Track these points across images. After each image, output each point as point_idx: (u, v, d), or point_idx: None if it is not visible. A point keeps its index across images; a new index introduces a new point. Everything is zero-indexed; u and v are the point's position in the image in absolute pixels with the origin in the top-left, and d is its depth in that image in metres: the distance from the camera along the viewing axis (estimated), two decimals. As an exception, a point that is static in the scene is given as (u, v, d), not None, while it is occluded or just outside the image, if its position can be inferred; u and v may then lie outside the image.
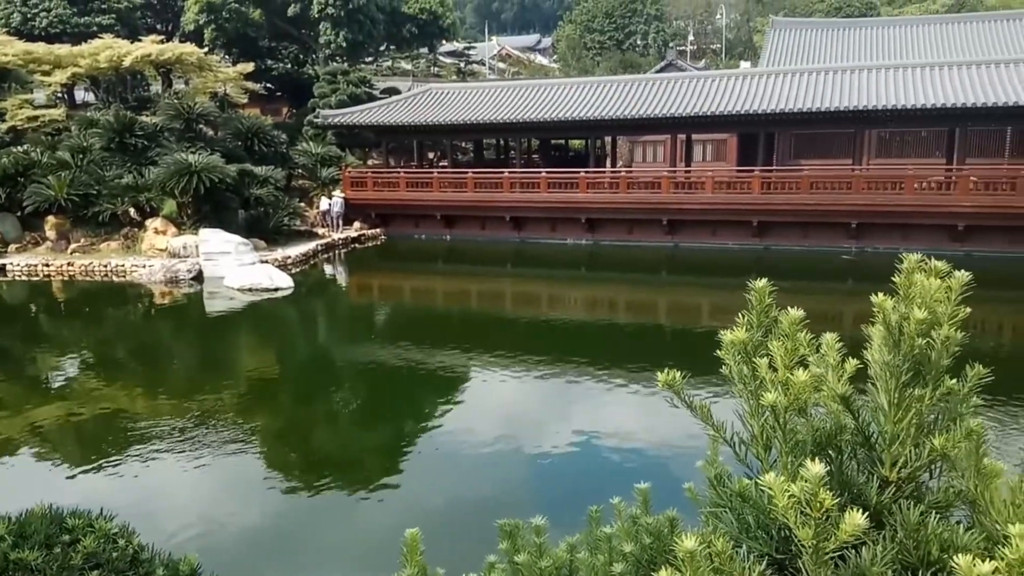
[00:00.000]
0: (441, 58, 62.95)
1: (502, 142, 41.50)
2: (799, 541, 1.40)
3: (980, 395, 1.99)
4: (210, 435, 11.76)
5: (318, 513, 9.51)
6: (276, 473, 10.71)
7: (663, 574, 1.43)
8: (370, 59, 50.50)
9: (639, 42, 64.81)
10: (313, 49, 44.36)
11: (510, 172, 31.76)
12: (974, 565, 1.27)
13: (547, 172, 31.34)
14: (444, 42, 54.22)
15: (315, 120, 35.28)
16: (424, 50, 54.93)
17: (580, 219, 29.97)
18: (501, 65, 76.49)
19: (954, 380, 1.88)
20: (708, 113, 28.43)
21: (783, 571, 1.66)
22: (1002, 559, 1.28)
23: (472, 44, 66.72)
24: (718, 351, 2.05)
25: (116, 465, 10.72)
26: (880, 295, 1.85)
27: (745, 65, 47.24)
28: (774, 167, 30.31)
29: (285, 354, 18.15)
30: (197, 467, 10.65)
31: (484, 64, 70.17)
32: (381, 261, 30.52)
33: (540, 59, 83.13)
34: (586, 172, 30.73)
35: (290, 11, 40.55)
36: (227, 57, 43.04)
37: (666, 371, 1.94)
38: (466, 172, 32.56)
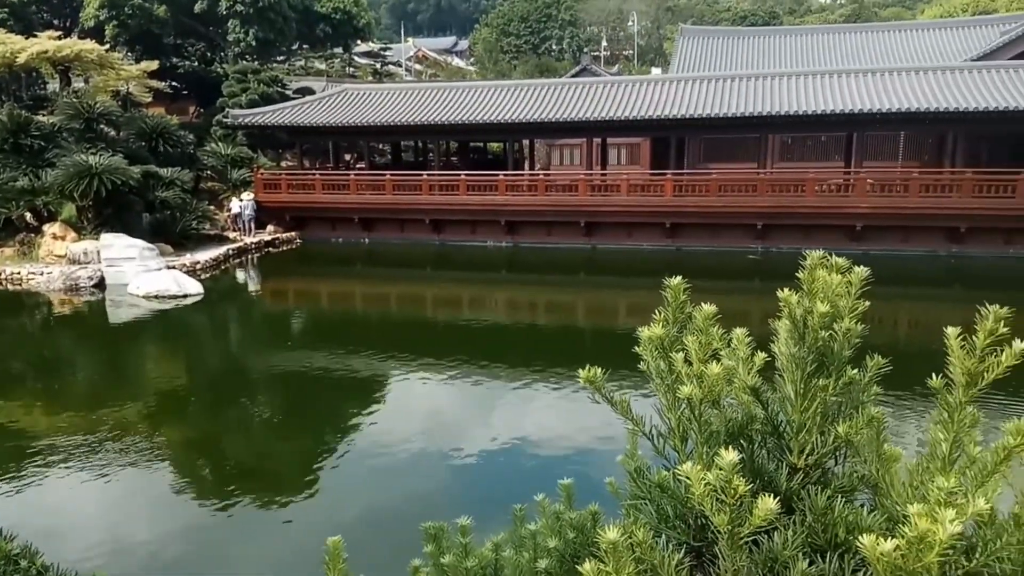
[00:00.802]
0: (356, 58, 62.06)
1: (420, 144, 41.24)
2: (715, 528, 1.45)
3: (879, 384, 2.11)
4: (117, 451, 11.22)
5: (235, 526, 9.21)
6: (189, 487, 10.31)
7: (587, 567, 1.46)
8: (282, 58, 49.30)
9: (554, 47, 65.66)
10: (222, 47, 42.97)
11: (429, 175, 31.60)
12: (877, 544, 1.34)
13: (466, 175, 31.34)
14: (359, 42, 53.48)
15: (225, 120, 34.17)
16: (339, 50, 54.02)
17: (500, 221, 30.11)
18: (418, 67, 76.02)
19: (855, 370, 1.99)
20: (622, 118, 29.06)
21: (700, 558, 1.72)
22: (902, 537, 1.35)
23: (388, 45, 66.08)
24: (636, 348, 2.10)
25: (15, 484, 10.09)
26: (786, 291, 1.94)
27: (656, 71, 48.53)
28: (685, 171, 31.24)
29: (195, 363, 17.49)
30: (104, 484, 10.14)
31: (400, 65, 69.58)
32: (297, 265, 29.82)
33: (457, 61, 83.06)
34: (505, 175, 30.90)
35: (197, 7, 39.15)
36: (130, 54, 41.20)
37: (587, 368, 1.98)
38: (384, 174, 32.21)
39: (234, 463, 11.48)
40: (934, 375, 1.75)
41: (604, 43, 64.95)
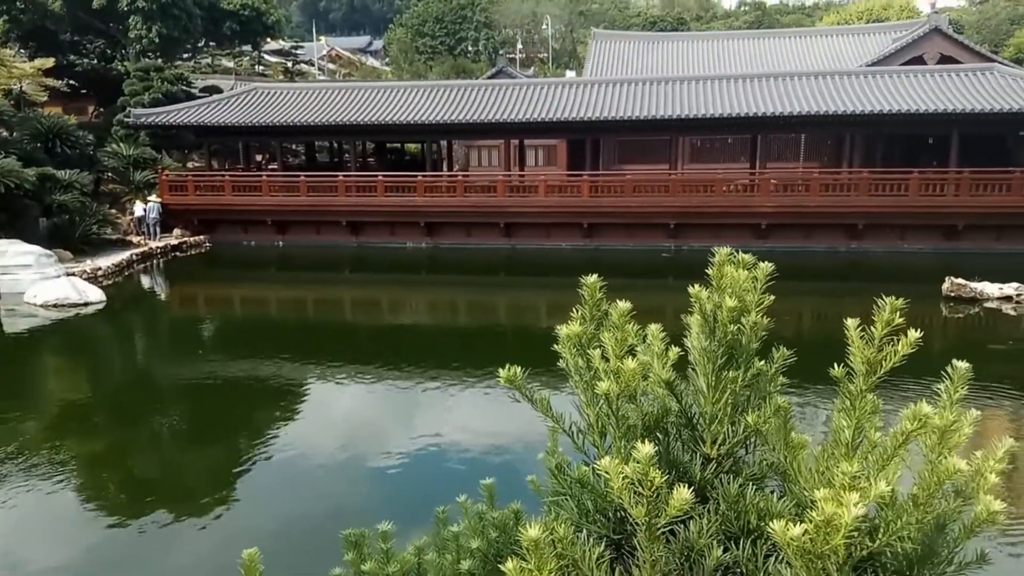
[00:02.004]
0: (266, 57, 60.42)
1: (336, 145, 40.50)
2: (633, 520, 1.48)
3: (786, 375, 2.20)
4: (16, 470, 10.55)
5: (146, 543, 8.81)
6: (96, 505, 9.80)
7: (509, 565, 1.46)
8: (187, 55, 47.46)
9: (470, 48, 65.68)
10: (123, 44, 41.01)
11: (345, 176, 31.07)
12: (787, 529, 1.39)
13: (384, 176, 30.96)
14: (269, 40, 52.05)
15: (126, 120, 32.63)
16: (247, 48, 52.44)
17: (419, 223, 29.89)
18: (331, 66, 74.62)
19: (763, 362, 2.07)
20: (539, 119, 29.33)
21: (620, 550, 1.75)
22: (810, 521, 1.41)
23: (299, 43, 64.56)
24: (556, 346, 2.12)
25: None
26: (696, 287, 1.99)
27: (571, 74, 49.21)
28: (601, 172, 31.80)
29: (99, 375, 16.64)
30: (1, 506, 9.51)
31: (313, 64, 68.12)
32: (206, 270, 28.77)
33: (372, 61, 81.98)
34: (423, 176, 30.70)
35: (95, 3, 37.20)
36: (23, 51, 38.83)
37: (507, 367, 1.98)
38: (299, 175, 31.48)
39: (144, 478, 10.97)
40: (836, 365, 1.83)
41: (519, 45, 65.40)
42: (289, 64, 59.65)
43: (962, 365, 1.71)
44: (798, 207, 27.40)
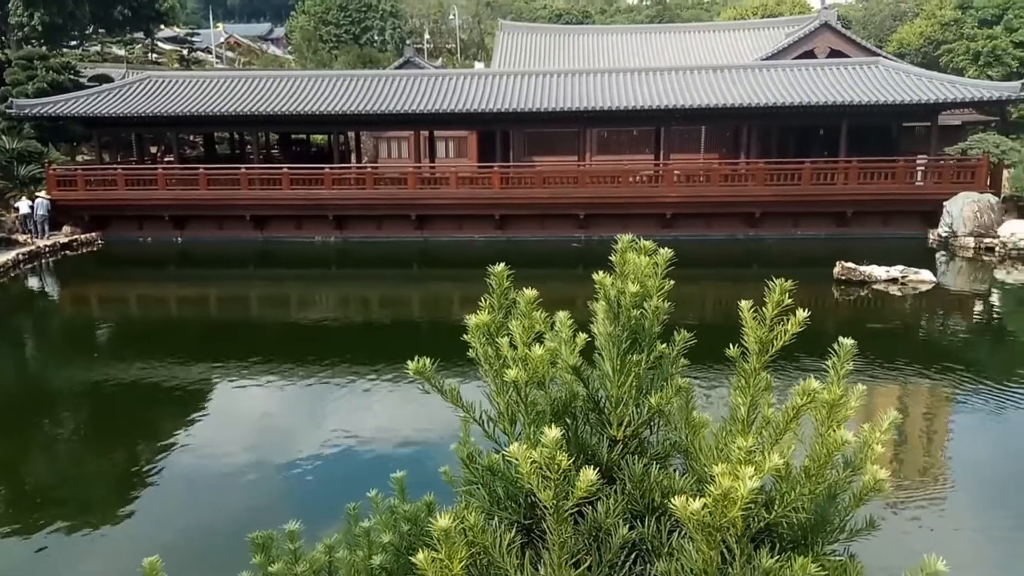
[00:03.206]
0: (160, 44, 57.67)
1: (237, 136, 39.10)
2: (542, 503, 1.50)
3: (689, 357, 2.27)
4: None
5: (44, 558, 8.31)
6: (-22, 522, 9.16)
7: (420, 556, 1.46)
8: (75, 43, 44.75)
9: (376, 38, 64.58)
10: (3, 31, 38.27)
11: (248, 168, 30.06)
12: (687, 505, 1.44)
13: (289, 168, 30.12)
14: (163, 27, 49.70)
15: (9, 111, 30.50)
16: (140, 35, 49.88)
17: (327, 216, 29.25)
18: (230, 54, 71.93)
19: (664, 345, 2.13)
20: (449, 111, 29.18)
21: (531, 535, 1.77)
22: (709, 496, 1.47)
23: (196, 31, 61.94)
24: (466, 336, 2.12)
25: None
26: (601, 273, 2.03)
27: (479, 65, 49.22)
28: (511, 163, 31.97)
29: (-18, 382, 15.54)
30: None
31: (211, 52, 65.48)
32: (100, 269, 27.29)
33: (273, 50, 79.50)
34: (331, 168, 30.03)
35: (-34, -17, 34.58)
36: None
37: (416, 359, 1.97)
38: (198, 168, 30.22)
39: (37, 490, 10.33)
40: (731, 345, 1.91)
41: (427, 36, 64.83)
42: (185, 52, 57.15)
43: (847, 342, 1.81)
44: (700, 197, 28.34)
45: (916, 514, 9.12)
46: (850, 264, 21.61)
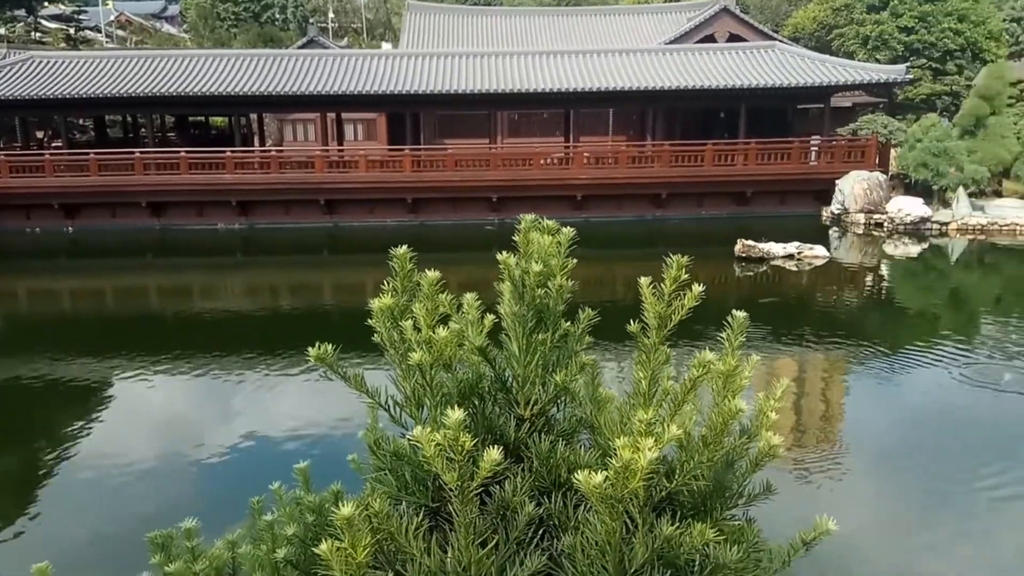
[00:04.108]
0: (44, 22, 53.91)
1: (131, 119, 37.11)
2: (447, 486, 1.49)
3: (598, 335, 2.31)
4: None
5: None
6: None
7: (323, 547, 1.43)
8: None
9: (278, 16, 62.37)
10: None
11: (143, 152, 28.59)
12: (590, 478, 1.46)
13: (188, 152, 28.83)
14: (47, 4, 46.47)
15: None
16: (21, 12, 46.50)
17: (230, 202, 28.20)
18: (121, 33, 68.03)
19: (570, 323, 2.16)
20: (357, 92, 28.55)
21: (439, 517, 1.76)
22: (610, 468, 1.49)
23: (83, 7, 58.17)
24: (371, 320, 2.08)
25: None
26: (505, 254, 2.03)
27: (387, 46, 48.31)
28: (422, 146, 31.61)
29: None
30: None
31: (100, 31, 61.75)
32: (-18, 262, 25.49)
33: (168, 28, 75.60)
34: (233, 152, 28.93)
35: None
36: None
37: (317, 345, 1.92)
38: (88, 153, 28.53)
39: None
40: (632, 321, 1.95)
41: (331, 15, 63.08)
42: (71, 31, 53.59)
43: (740, 315, 1.87)
44: (609, 179, 28.83)
45: (814, 478, 9.64)
46: (750, 242, 22.51)
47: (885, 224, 26.46)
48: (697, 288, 1.82)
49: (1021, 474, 9.56)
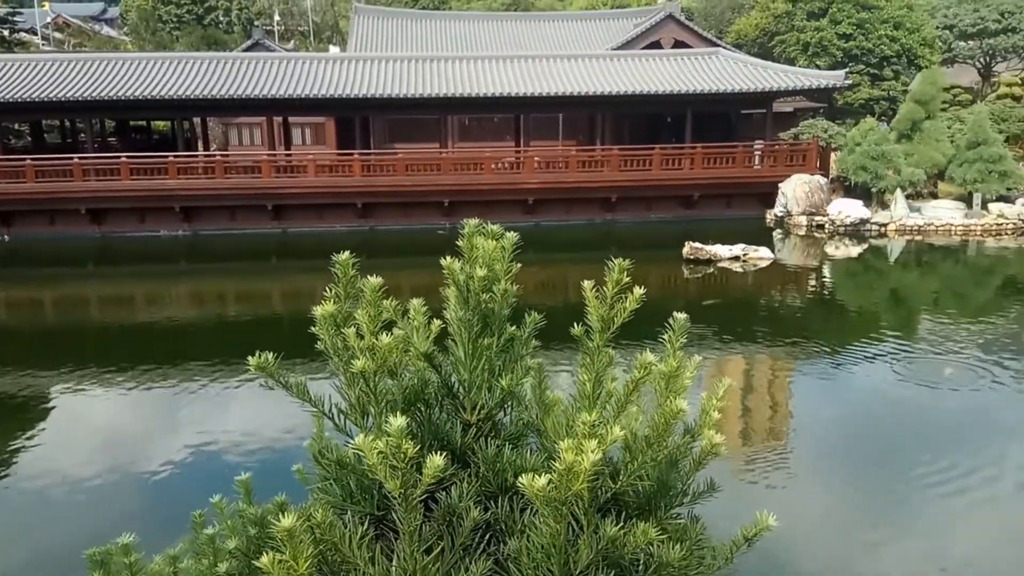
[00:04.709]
0: (-27, 23, 51.79)
1: (69, 124, 35.94)
2: (390, 493, 1.48)
3: (547, 338, 2.32)
4: None
5: None
6: None
7: (264, 559, 1.40)
8: None
9: (222, 18, 61.22)
10: None
11: (82, 158, 27.71)
12: (533, 481, 1.47)
13: (129, 157, 28.04)
14: (-25, 3, 44.65)
15: None
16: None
17: (174, 208, 27.53)
18: (58, 35, 65.87)
19: (516, 327, 2.16)
20: (305, 96, 28.18)
21: (385, 526, 1.75)
22: (554, 472, 1.50)
23: (18, 9, 56.15)
24: (314, 327, 2.06)
25: None
26: (449, 259, 2.03)
27: (334, 49, 47.77)
28: (372, 151, 31.35)
29: None
30: None
31: (36, 33, 59.68)
32: (-92, 273, 24.37)
33: (107, 30, 73.54)
34: (176, 157, 28.25)
35: None
36: None
37: (257, 354, 1.89)
38: (24, 159, 27.53)
39: None
40: (576, 324, 1.96)
41: (277, 17, 62.12)
42: (5, 33, 51.60)
43: (680, 317, 1.90)
44: (559, 183, 29.01)
45: (760, 475, 9.84)
46: (697, 244, 22.90)
47: (826, 226, 27.20)
48: (638, 291, 1.84)
49: (961, 468, 9.91)
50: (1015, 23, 40.09)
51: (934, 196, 28.53)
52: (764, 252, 23.16)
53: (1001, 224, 26.73)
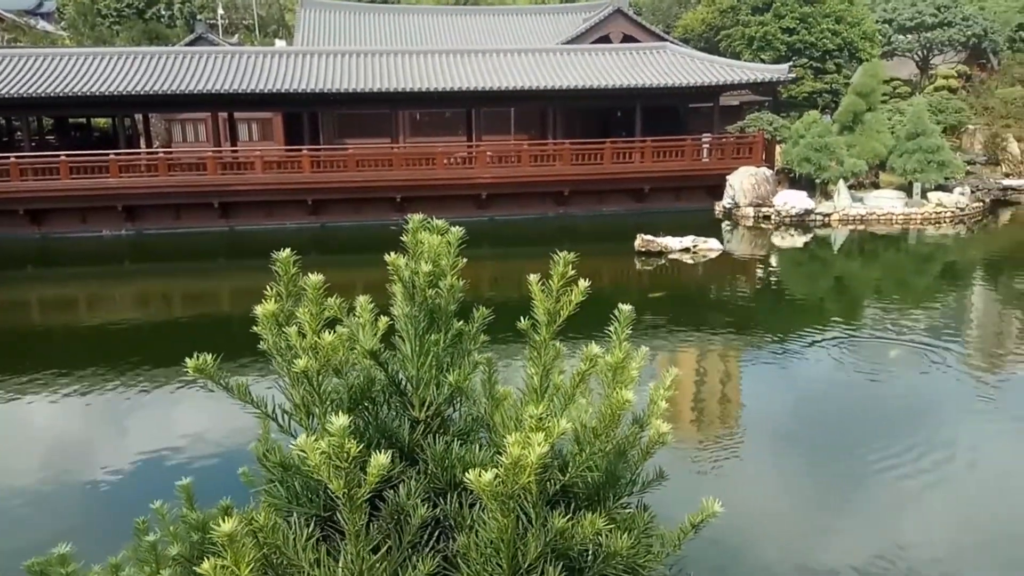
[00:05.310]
0: None
1: (4, 122, 34.57)
2: (334, 494, 1.46)
3: (496, 332, 2.31)
4: None
5: None
6: None
7: (205, 565, 1.37)
8: None
9: (164, 11, 59.57)
10: None
11: (18, 157, 26.70)
12: (480, 476, 1.46)
13: (68, 155, 27.11)
14: None
15: None
16: None
17: (116, 207, 26.73)
18: (-12, 29, 63.26)
19: (463, 323, 2.15)
20: (251, 91, 27.61)
21: (331, 527, 1.72)
22: (501, 466, 1.50)
23: (-58, 0, 53.79)
24: (256, 327, 2.01)
25: None
26: (394, 255, 2.00)
27: (280, 43, 46.89)
28: (322, 146, 30.90)
29: None
30: None
31: (-37, 26, 57.22)
32: None
33: (44, 25, 70.88)
34: (117, 154, 27.42)
35: None
36: None
37: (195, 356, 1.84)
38: (-48, 159, 26.43)
39: None
40: (522, 318, 1.96)
41: (220, 11, 60.68)
42: (-72, 24, 49.42)
43: (626, 308, 1.91)
44: (512, 177, 29.02)
45: (711, 463, 10.02)
46: (649, 236, 23.16)
47: (773, 217, 27.77)
48: (583, 283, 1.85)
49: (907, 449, 10.22)
50: (950, 17, 41.44)
51: (876, 186, 29.35)
52: (713, 243, 23.55)
53: (940, 212, 27.66)
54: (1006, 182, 33.25)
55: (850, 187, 28.20)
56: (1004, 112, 35.31)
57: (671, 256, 22.79)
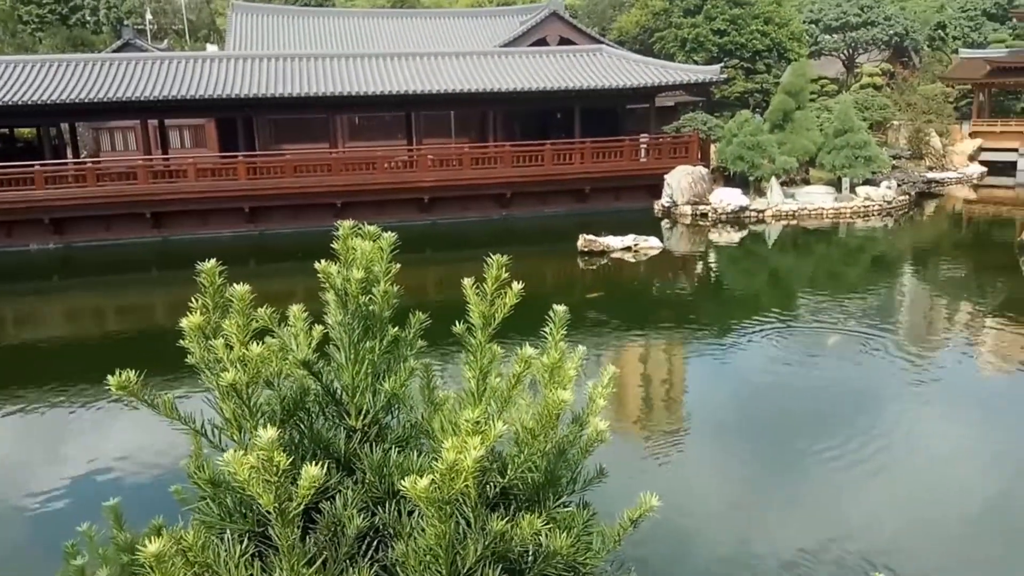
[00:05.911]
0: None
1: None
2: (263, 508, 1.43)
3: (436, 336, 2.29)
4: None
5: None
6: None
7: (132, 588, 1.32)
8: None
9: (89, 17, 57.58)
10: None
11: (-69, 170, 25.46)
12: (415, 483, 1.45)
13: (-14, 168, 25.94)
14: None
15: None
16: None
17: (43, 220, 25.69)
18: None
19: (399, 329, 2.13)
20: (182, 96, 26.87)
21: (265, 543, 1.68)
22: (436, 471, 1.48)
23: None
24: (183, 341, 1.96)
25: None
26: (324, 262, 1.97)
27: (212, 48, 45.82)
28: (258, 152, 30.29)
29: None
30: None
31: None
32: None
33: (-44, 31, 67.66)
34: (42, 165, 26.36)
35: None
36: None
37: (117, 372, 1.78)
38: None
39: None
40: (458, 322, 1.95)
41: (149, 16, 58.95)
42: None
43: (560, 309, 1.92)
44: (454, 180, 28.96)
45: (652, 458, 10.17)
46: (591, 236, 23.40)
47: (709, 214, 28.37)
48: (517, 286, 1.85)
49: (843, 434, 10.55)
50: (873, 17, 43.05)
51: (806, 182, 30.26)
52: (653, 242, 23.93)
53: (868, 206, 28.69)
54: (930, 175, 34.75)
55: (782, 184, 29.01)
56: (926, 108, 36.87)
57: (613, 255, 23.06)
